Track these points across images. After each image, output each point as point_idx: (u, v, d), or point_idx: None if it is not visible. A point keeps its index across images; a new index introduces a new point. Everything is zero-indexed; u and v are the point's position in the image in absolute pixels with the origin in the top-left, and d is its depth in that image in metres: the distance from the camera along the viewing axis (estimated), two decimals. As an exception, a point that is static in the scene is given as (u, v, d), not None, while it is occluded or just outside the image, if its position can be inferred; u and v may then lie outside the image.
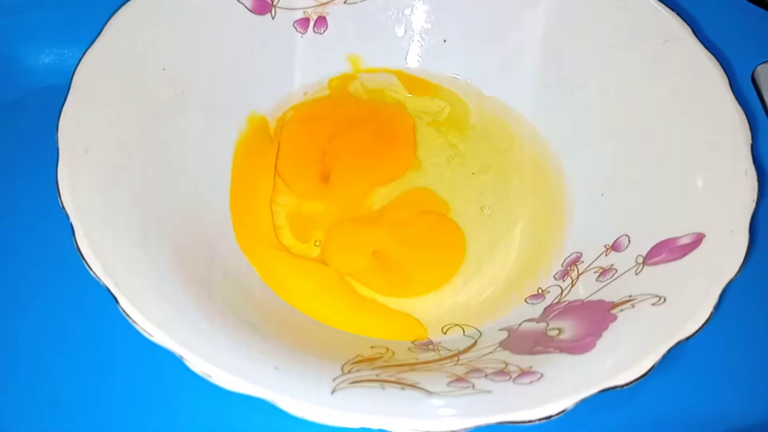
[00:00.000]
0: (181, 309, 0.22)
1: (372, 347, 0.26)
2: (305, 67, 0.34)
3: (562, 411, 0.20)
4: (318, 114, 0.34)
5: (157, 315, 0.21)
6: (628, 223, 0.28)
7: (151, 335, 0.21)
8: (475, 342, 0.26)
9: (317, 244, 0.30)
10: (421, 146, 0.34)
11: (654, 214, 0.27)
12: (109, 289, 0.21)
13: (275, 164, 0.32)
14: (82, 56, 0.26)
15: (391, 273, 0.30)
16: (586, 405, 0.20)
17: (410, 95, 0.35)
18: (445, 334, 0.27)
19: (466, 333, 0.27)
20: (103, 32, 0.27)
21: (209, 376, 0.20)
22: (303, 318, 0.27)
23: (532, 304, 0.28)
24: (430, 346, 0.26)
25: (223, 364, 0.20)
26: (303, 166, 0.33)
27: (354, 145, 0.33)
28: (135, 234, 0.24)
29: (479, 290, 0.29)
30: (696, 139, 0.27)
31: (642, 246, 0.26)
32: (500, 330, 0.26)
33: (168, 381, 0.26)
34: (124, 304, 0.21)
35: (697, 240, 0.24)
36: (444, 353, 0.25)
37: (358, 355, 0.24)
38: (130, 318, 0.21)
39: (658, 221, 0.26)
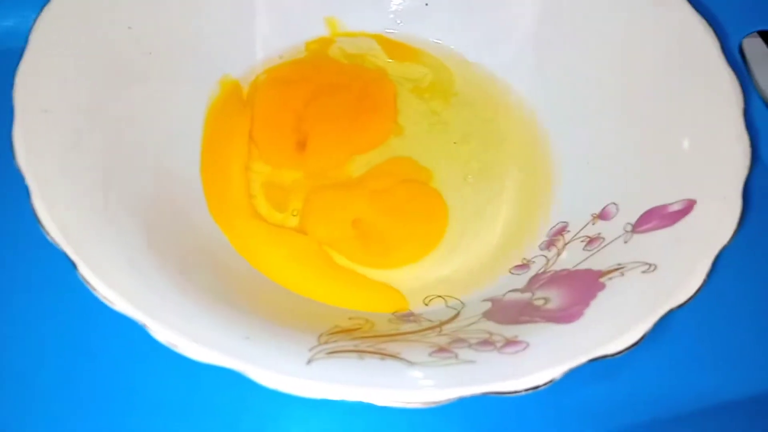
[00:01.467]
0: (144, 276, 0.21)
1: (351, 318, 0.24)
2: (280, 29, 0.32)
3: (550, 381, 0.19)
4: (293, 78, 0.33)
5: (118, 281, 0.20)
6: (616, 191, 0.27)
7: (112, 303, 0.19)
8: (458, 313, 0.25)
9: (294, 213, 0.29)
10: (402, 113, 0.32)
11: (643, 181, 0.26)
12: (66, 254, 0.20)
13: (249, 130, 0.31)
14: (40, 12, 0.25)
15: (372, 243, 0.28)
16: (573, 375, 0.19)
17: (391, 61, 0.33)
18: (426, 305, 0.26)
19: (448, 304, 0.26)
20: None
21: (174, 345, 0.19)
22: (278, 289, 0.26)
23: (517, 274, 0.27)
24: (411, 318, 0.25)
25: (189, 332, 0.19)
26: (277, 133, 0.31)
27: (331, 111, 0.32)
28: (96, 198, 0.23)
29: (462, 261, 0.28)
30: (687, 105, 0.26)
31: (631, 214, 0.25)
32: (484, 301, 0.25)
33: (134, 354, 0.25)
34: (83, 269, 0.20)
35: (688, 207, 0.24)
36: (426, 324, 0.24)
37: (336, 326, 0.23)
38: (90, 285, 0.19)
39: (647, 188, 0.26)
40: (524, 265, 0.27)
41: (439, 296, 0.27)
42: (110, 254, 0.21)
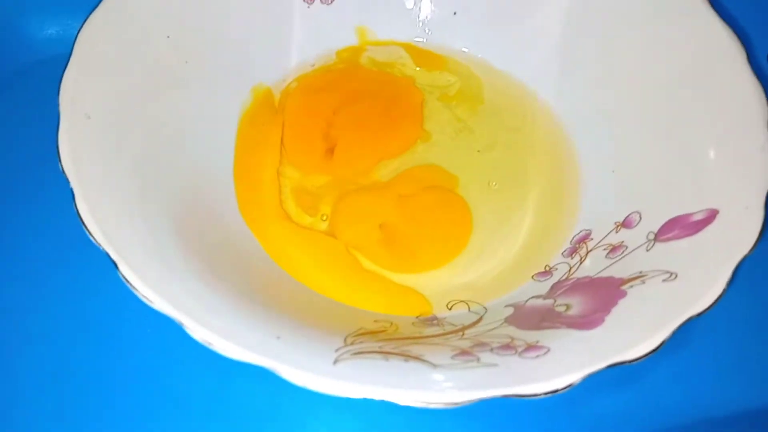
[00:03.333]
0: (182, 276, 0.22)
1: (376, 321, 0.25)
2: (311, 39, 0.33)
3: (569, 385, 0.19)
4: (323, 85, 0.34)
5: (157, 281, 0.21)
6: (639, 200, 0.27)
7: (152, 302, 0.20)
8: (481, 318, 0.25)
9: (324, 218, 0.30)
10: (428, 120, 0.33)
11: (666, 190, 0.26)
12: (108, 255, 0.21)
13: (280, 136, 0.32)
14: (84, 22, 0.26)
15: (398, 247, 0.29)
16: (591, 381, 0.20)
17: (419, 69, 0.34)
18: (450, 310, 0.27)
19: (471, 309, 0.27)
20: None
21: (210, 344, 0.20)
22: (306, 291, 0.27)
23: (540, 281, 0.27)
24: (435, 322, 0.26)
25: (225, 331, 0.20)
26: (307, 139, 0.32)
27: (360, 118, 0.33)
28: (135, 201, 0.24)
29: (486, 267, 0.29)
30: (711, 115, 0.26)
31: (653, 222, 0.26)
32: (506, 306, 0.26)
33: (169, 350, 0.26)
34: (124, 269, 0.21)
35: (711, 216, 0.24)
36: (449, 328, 0.25)
37: (361, 328, 0.24)
38: (130, 284, 0.21)
39: (670, 198, 0.26)
40: (547, 272, 0.27)
41: (462, 301, 0.27)
42: (149, 255, 0.22)
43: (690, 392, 0.26)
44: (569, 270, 0.27)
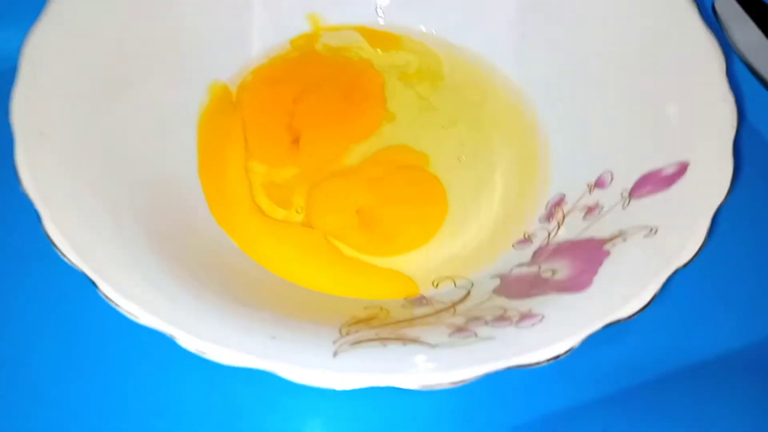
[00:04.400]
0: (163, 287, 0.21)
1: (365, 308, 0.25)
2: (264, 30, 0.33)
3: (570, 349, 0.19)
4: (280, 76, 0.33)
5: (140, 295, 0.20)
6: (609, 160, 0.27)
7: (137, 317, 0.20)
8: (468, 292, 0.25)
9: (298, 210, 0.29)
10: (391, 101, 0.33)
11: (635, 147, 0.27)
12: (86, 274, 0.20)
13: (243, 132, 0.31)
14: (27, 35, 0.25)
15: (376, 231, 0.29)
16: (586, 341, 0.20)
17: (376, 50, 0.34)
18: (436, 288, 0.27)
19: (457, 284, 0.27)
20: (46, 9, 0.25)
21: (203, 353, 0.19)
22: (290, 286, 0.26)
23: (521, 249, 0.27)
24: (423, 301, 0.26)
25: (217, 338, 0.19)
26: (270, 132, 0.31)
27: (321, 106, 0.32)
28: (104, 214, 0.23)
29: (465, 241, 0.29)
30: (670, 70, 0.27)
31: (626, 180, 0.26)
32: (492, 278, 0.26)
33: (157, 361, 0.25)
34: (104, 287, 0.20)
35: (681, 169, 0.24)
36: (439, 306, 0.25)
37: (353, 317, 0.23)
38: (112, 302, 0.20)
39: (639, 154, 0.26)
40: (526, 240, 0.28)
41: (447, 277, 0.27)
42: (127, 269, 0.21)
43: (677, 341, 0.27)
44: (548, 235, 0.27)
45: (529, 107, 0.32)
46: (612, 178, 0.27)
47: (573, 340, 0.20)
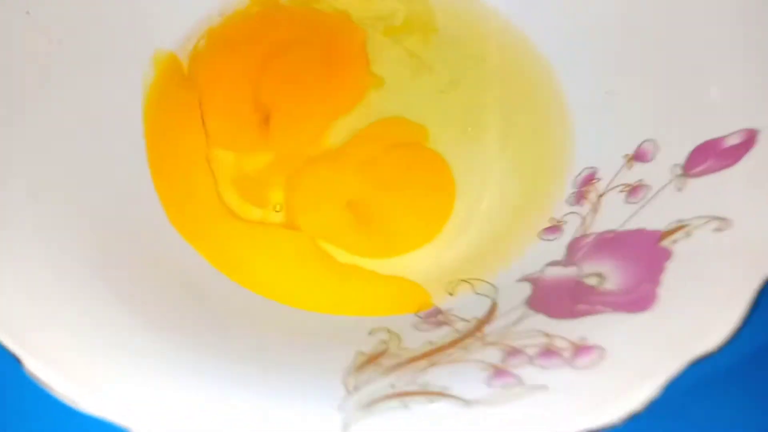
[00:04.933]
0: (113, 350, 0.16)
1: (371, 333, 0.20)
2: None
3: (648, 401, 0.15)
4: (239, 38, 0.27)
5: (83, 371, 0.15)
6: (650, 125, 0.23)
7: (80, 405, 0.15)
8: (494, 304, 0.21)
9: (277, 208, 0.24)
10: (376, 62, 0.27)
11: (683, 109, 0.22)
12: (4, 347, 0.15)
13: (199, 113, 0.25)
14: None
15: (373, 228, 0.24)
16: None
17: (353, -1, 0.28)
18: (452, 295, 0.22)
19: (477, 291, 0.22)
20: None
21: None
22: (275, 308, 0.22)
23: (549, 239, 0.23)
24: (440, 317, 0.21)
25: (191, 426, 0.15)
26: (233, 111, 0.26)
27: (293, 73, 0.27)
28: (36, 250, 0.18)
29: (480, 232, 0.24)
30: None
31: (676, 152, 0.21)
32: (519, 281, 0.22)
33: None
34: (32, 364, 0.15)
35: (749, 138, 0.20)
36: (461, 326, 0.20)
37: (358, 353, 0.19)
38: (45, 384, 0.15)
39: (690, 119, 0.21)
40: (555, 228, 0.23)
41: (464, 281, 0.23)
42: (65, 331, 0.16)
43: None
44: (583, 222, 0.22)
45: (541, 62, 0.26)
46: (656, 149, 0.22)
47: (650, 388, 0.15)
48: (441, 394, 0.16)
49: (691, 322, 0.16)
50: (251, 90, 0.26)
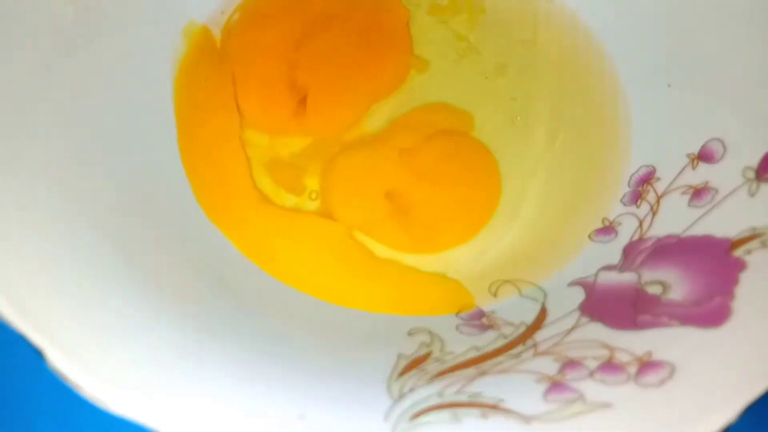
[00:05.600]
0: (145, 350, 0.15)
1: (410, 334, 0.19)
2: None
3: (725, 427, 0.14)
4: (274, 12, 0.25)
5: (111, 370, 0.14)
6: (716, 122, 0.21)
7: (108, 405, 0.13)
8: (544, 308, 0.20)
9: (313, 196, 0.23)
10: (419, 43, 0.26)
11: (756, 105, 0.20)
12: (28, 338, 0.14)
13: (233, 92, 0.24)
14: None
15: (413, 221, 0.23)
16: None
17: (398, -25, 0.26)
18: (495, 296, 0.21)
19: (524, 293, 0.21)
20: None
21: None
22: (309, 302, 0.21)
23: (602, 242, 0.21)
24: (484, 320, 0.20)
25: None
26: (268, 91, 0.24)
27: (331, 52, 0.25)
28: (59, 236, 0.17)
29: (525, 229, 0.23)
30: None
31: (747, 153, 0.20)
32: (570, 285, 0.20)
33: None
34: (56, 356, 0.14)
35: (834, 140, 0.18)
36: (508, 331, 0.19)
37: (399, 356, 0.18)
38: (69, 380, 0.14)
39: (764, 117, 0.20)
40: (609, 229, 0.22)
41: (508, 281, 0.21)
42: (90, 327, 0.15)
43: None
44: (640, 225, 0.21)
45: (596, 48, 0.25)
46: (725, 149, 0.20)
47: (728, 412, 0.14)
48: (496, 408, 0.15)
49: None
50: (287, 69, 0.25)
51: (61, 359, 0.14)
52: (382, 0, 0.26)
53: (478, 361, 0.17)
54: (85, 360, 0.14)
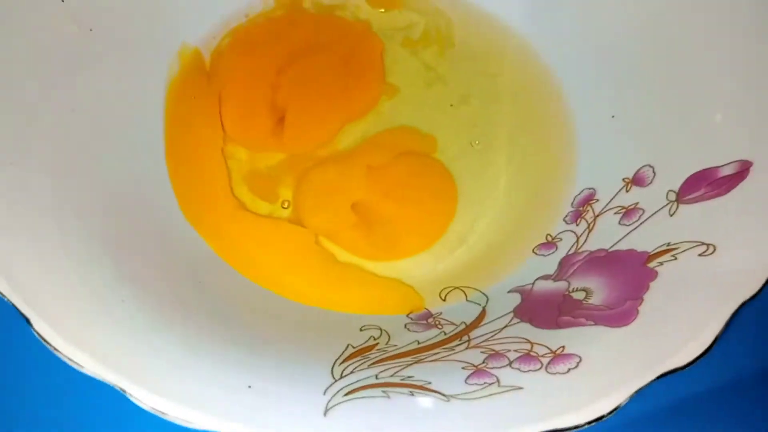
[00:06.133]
0: (117, 320, 0.17)
1: (362, 329, 0.21)
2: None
3: (616, 408, 0.16)
4: (261, 40, 0.28)
5: (83, 335, 0.16)
6: (649, 151, 0.23)
7: (81, 365, 0.16)
8: (483, 310, 0.22)
9: (285, 205, 0.25)
10: (392, 71, 0.28)
11: (682, 138, 0.22)
12: (16, 307, 0.16)
13: (218, 109, 0.26)
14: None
15: (375, 231, 0.25)
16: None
17: (376, 10, 0.29)
18: (444, 300, 0.23)
19: (469, 298, 0.23)
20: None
21: (164, 414, 0.15)
22: (274, 300, 0.23)
23: (544, 255, 0.24)
24: (431, 320, 0.22)
25: (179, 394, 0.15)
26: (250, 110, 0.27)
27: (310, 77, 0.28)
28: (47, 225, 0.19)
29: (477, 242, 0.25)
30: (735, 41, 0.22)
31: (672, 178, 0.22)
32: (510, 292, 0.22)
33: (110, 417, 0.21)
34: (39, 325, 0.16)
35: (743, 170, 0.20)
36: (449, 330, 0.21)
37: (348, 346, 0.20)
38: (49, 344, 0.16)
39: (688, 147, 0.22)
40: (550, 244, 0.24)
41: (457, 288, 0.23)
42: (70, 299, 0.17)
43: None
44: (577, 240, 0.23)
45: (553, 83, 0.27)
46: (654, 175, 0.23)
47: (619, 397, 0.16)
48: (422, 388, 0.17)
49: (666, 339, 0.17)
50: (268, 91, 0.27)
51: (44, 327, 0.16)
52: (359, 32, 0.28)
53: (416, 352, 0.19)
54: (64, 328, 0.16)
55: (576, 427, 0.15)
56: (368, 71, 0.28)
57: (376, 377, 0.18)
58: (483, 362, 0.18)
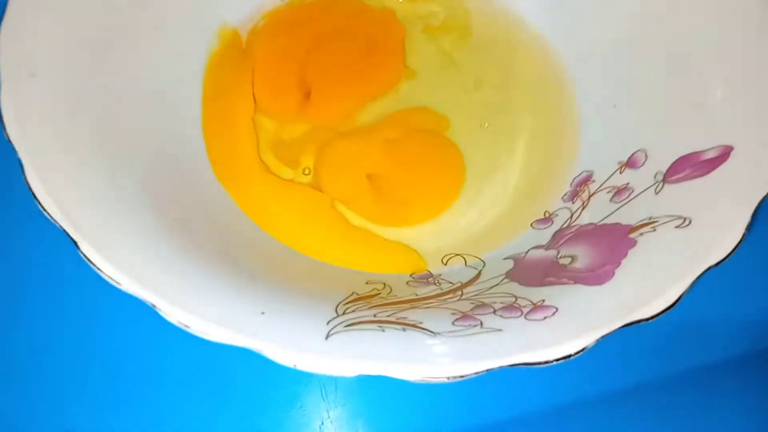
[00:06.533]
0: (152, 250, 0.20)
1: (368, 283, 0.23)
2: (279, -31, 0.30)
3: (582, 349, 0.18)
4: (294, 23, 0.30)
5: (123, 258, 0.19)
6: (644, 137, 0.25)
7: (119, 283, 0.18)
8: (479, 273, 0.24)
9: (306, 172, 0.28)
10: (411, 55, 0.30)
11: (674, 126, 0.24)
12: (66, 232, 0.19)
13: (251, 83, 0.29)
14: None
15: (387, 199, 0.27)
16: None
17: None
18: (445, 265, 0.25)
19: (468, 263, 0.25)
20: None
21: (187, 326, 0.18)
22: (290, 253, 0.25)
23: (539, 229, 0.26)
24: (430, 279, 0.24)
25: (202, 311, 0.18)
26: (280, 85, 0.29)
27: (336, 58, 0.30)
28: (95, 168, 0.21)
29: (480, 215, 0.27)
30: (723, 44, 0.24)
31: (661, 162, 0.24)
32: (505, 259, 0.24)
33: (143, 331, 0.24)
34: (85, 247, 0.19)
35: (724, 154, 0.22)
36: (446, 287, 0.23)
37: (353, 293, 0.22)
38: (93, 264, 0.18)
39: (678, 134, 0.24)
40: (547, 219, 0.26)
41: (458, 255, 0.26)
42: (114, 229, 0.20)
43: (695, 340, 0.25)
44: (571, 216, 0.25)
45: (562, 73, 0.29)
46: (646, 158, 0.24)
47: (586, 340, 0.18)
48: (414, 326, 0.19)
49: (634, 296, 0.19)
50: (298, 69, 0.30)
51: (89, 249, 0.19)
52: (384, 18, 0.31)
53: (413, 301, 0.22)
54: (107, 251, 0.19)
55: (546, 362, 0.18)
56: (390, 55, 0.30)
57: (374, 316, 0.20)
58: (470, 310, 0.20)
